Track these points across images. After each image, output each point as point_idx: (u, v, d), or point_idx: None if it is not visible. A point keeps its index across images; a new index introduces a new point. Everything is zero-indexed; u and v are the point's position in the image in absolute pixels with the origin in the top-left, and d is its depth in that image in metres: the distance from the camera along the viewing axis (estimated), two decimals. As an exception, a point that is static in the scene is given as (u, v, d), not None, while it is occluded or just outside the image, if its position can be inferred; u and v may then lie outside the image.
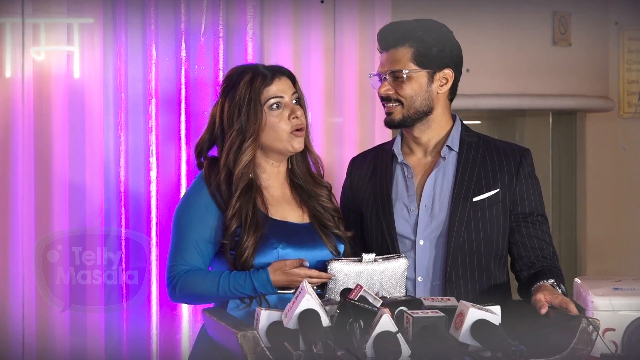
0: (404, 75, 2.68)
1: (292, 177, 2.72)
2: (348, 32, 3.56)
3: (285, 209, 2.65)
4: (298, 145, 2.64)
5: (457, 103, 4.31)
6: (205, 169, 2.65)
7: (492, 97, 4.54)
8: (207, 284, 2.53)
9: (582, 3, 4.69)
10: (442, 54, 2.71)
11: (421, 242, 2.68)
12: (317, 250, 2.61)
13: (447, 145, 2.73)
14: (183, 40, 3.43)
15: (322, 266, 2.56)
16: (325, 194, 2.72)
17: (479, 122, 5.12)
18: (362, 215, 2.78)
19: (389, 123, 2.74)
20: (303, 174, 2.72)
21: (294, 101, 2.65)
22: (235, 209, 2.55)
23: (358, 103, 3.55)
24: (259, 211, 2.59)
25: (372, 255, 2.57)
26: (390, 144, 2.85)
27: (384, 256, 2.58)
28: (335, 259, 2.55)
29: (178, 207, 2.63)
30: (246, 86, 2.61)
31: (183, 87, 3.43)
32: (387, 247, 2.68)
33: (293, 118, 2.62)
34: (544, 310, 2.33)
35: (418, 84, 2.69)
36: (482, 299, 2.41)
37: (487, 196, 2.68)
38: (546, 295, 2.37)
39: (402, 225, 2.70)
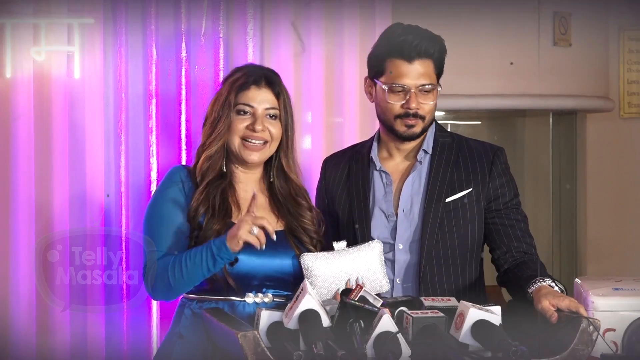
0: (437, 90, 2.68)
1: (273, 189, 2.69)
2: (348, 32, 3.56)
3: None
4: (249, 157, 2.60)
5: (458, 103, 4.32)
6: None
7: (492, 97, 4.54)
8: (175, 264, 2.48)
9: (583, 3, 4.69)
10: (442, 69, 2.72)
11: (400, 246, 2.69)
12: (279, 258, 2.57)
13: (423, 149, 2.73)
14: (183, 40, 3.43)
15: (289, 272, 2.55)
16: (308, 216, 2.66)
17: (479, 122, 5.12)
18: (337, 219, 2.78)
19: (411, 136, 2.70)
20: (285, 193, 2.68)
21: (267, 115, 2.61)
22: (199, 200, 2.55)
23: (358, 103, 3.54)
24: (229, 202, 2.58)
25: (343, 243, 2.57)
26: (364, 146, 2.84)
27: (356, 245, 2.58)
28: (306, 253, 2.55)
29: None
30: (228, 86, 2.63)
31: (183, 87, 3.43)
32: None
33: (250, 129, 2.60)
34: (555, 319, 2.32)
35: (436, 98, 2.70)
36: (456, 298, 2.42)
37: (459, 196, 2.69)
38: (551, 301, 2.36)
39: (380, 230, 2.71)
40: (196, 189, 2.58)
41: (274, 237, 2.44)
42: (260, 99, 2.61)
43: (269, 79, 2.64)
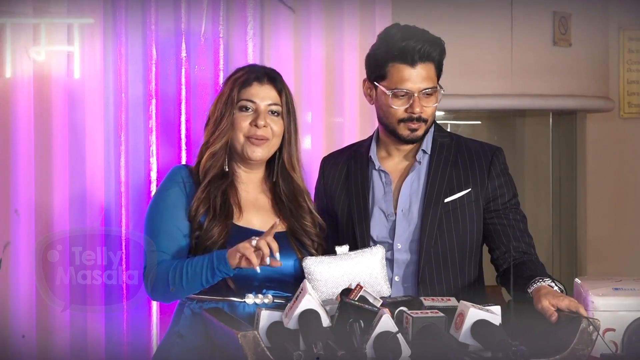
0: (439, 93, 2.67)
1: (276, 189, 2.69)
2: (348, 31, 3.56)
3: (253, 215, 2.62)
4: (253, 154, 2.60)
5: (458, 103, 4.31)
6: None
7: (492, 97, 4.54)
8: (176, 270, 2.49)
9: (583, 3, 4.69)
10: (442, 71, 2.72)
11: (399, 245, 2.69)
12: (290, 260, 2.57)
13: (422, 149, 2.73)
14: (183, 40, 3.43)
15: (290, 274, 2.55)
16: (309, 219, 2.67)
17: (479, 122, 5.12)
18: (336, 219, 2.78)
19: (414, 140, 2.70)
20: (288, 192, 2.68)
21: (269, 111, 2.62)
22: (200, 199, 2.55)
23: (358, 103, 3.55)
24: (230, 203, 2.58)
25: (345, 247, 2.57)
26: (362, 146, 2.84)
27: (358, 250, 2.58)
28: (309, 257, 2.55)
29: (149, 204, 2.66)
30: (231, 82, 2.64)
31: (183, 87, 3.43)
32: None
33: (253, 125, 2.60)
34: (555, 319, 2.32)
35: (438, 100, 2.70)
36: (455, 297, 2.42)
37: (458, 196, 2.69)
38: (551, 300, 2.37)
39: (379, 230, 2.71)
40: (197, 188, 2.58)
41: (277, 255, 2.41)
42: (263, 95, 2.62)
43: (271, 75, 2.65)
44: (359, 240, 2.68)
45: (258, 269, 2.39)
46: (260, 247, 2.37)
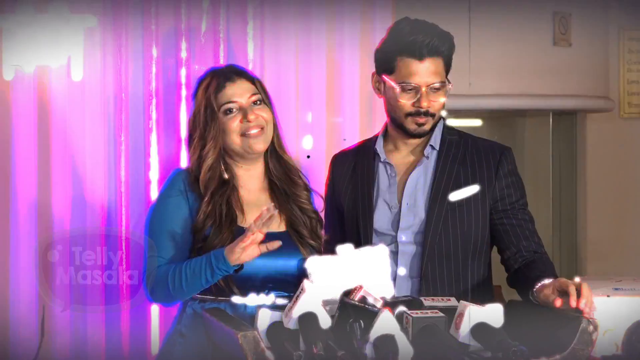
0: (446, 88, 2.67)
1: (270, 177, 2.70)
2: (349, 31, 3.55)
3: (255, 215, 2.61)
4: (255, 146, 2.62)
5: (458, 103, 4.31)
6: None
7: (492, 97, 4.54)
8: (175, 272, 2.51)
9: (583, 3, 4.70)
10: (451, 65, 2.72)
11: (402, 238, 2.69)
12: (282, 259, 2.58)
13: (430, 145, 2.73)
14: (184, 40, 3.43)
15: (292, 274, 2.57)
16: (305, 195, 2.69)
17: (479, 122, 5.12)
18: (342, 212, 2.79)
19: (420, 134, 2.71)
20: (280, 174, 2.69)
21: (252, 102, 2.63)
22: (206, 213, 2.55)
23: (358, 103, 3.54)
24: (233, 209, 2.58)
25: (347, 247, 2.57)
26: (371, 141, 2.84)
27: (360, 249, 2.58)
28: (310, 257, 2.55)
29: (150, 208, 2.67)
30: (202, 92, 2.64)
31: (183, 87, 3.43)
32: (362, 244, 2.66)
33: (245, 121, 2.60)
34: (558, 303, 2.33)
35: (445, 95, 2.70)
36: (460, 297, 2.42)
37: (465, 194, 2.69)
38: (551, 286, 2.38)
39: (382, 222, 2.71)
40: (198, 196, 2.58)
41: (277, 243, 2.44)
42: (240, 91, 2.64)
43: (237, 70, 2.68)
44: (362, 232, 2.69)
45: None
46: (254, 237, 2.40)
